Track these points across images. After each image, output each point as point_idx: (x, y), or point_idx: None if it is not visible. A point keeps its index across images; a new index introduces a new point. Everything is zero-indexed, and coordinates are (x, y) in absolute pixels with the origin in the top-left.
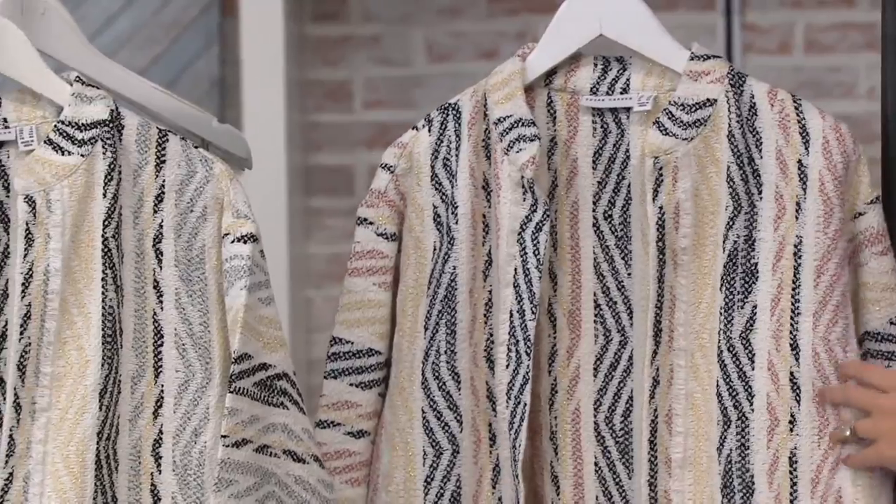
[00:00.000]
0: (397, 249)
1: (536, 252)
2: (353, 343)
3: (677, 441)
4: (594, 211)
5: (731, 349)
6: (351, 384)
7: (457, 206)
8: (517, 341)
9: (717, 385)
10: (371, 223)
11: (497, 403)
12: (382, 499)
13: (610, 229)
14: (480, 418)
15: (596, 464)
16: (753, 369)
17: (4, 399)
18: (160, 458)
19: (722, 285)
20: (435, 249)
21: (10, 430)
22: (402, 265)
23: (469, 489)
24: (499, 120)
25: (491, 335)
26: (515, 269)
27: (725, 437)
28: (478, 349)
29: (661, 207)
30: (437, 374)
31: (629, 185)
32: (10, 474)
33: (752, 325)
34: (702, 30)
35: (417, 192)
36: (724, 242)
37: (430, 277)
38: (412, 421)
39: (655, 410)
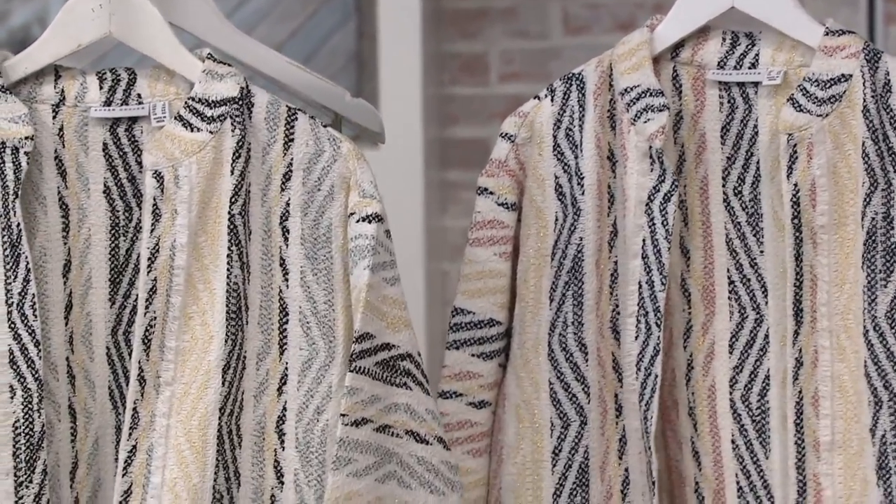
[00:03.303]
0: (517, 219)
1: (665, 223)
2: (474, 313)
3: (825, 423)
4: (724, 186)
5: (876, 328)
6: (472, 354)
7: (582, 177)
8: (647, 312)
9: (865, 366)
10: (491, 193)
11: (624, 375)
12: (508, 470)
13: (740, 206)
14: (607, 389)
15: (733, 441)
16: None
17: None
18: (283, 434)
19: (863, 264)
20: (556, 220)
21: (135, 403)
22: (523, 235)
23: (596, 460)
24: (625, 90)
25: (617, 306)
26: (644, 240)
27: (878, 419)
28: (604, 320)
29: (795, 185)
30: (564, 345)
31: (758, 162)
32: (134, 447)
33: None
34: (843, 1)
35: (539, 162)
36: (862, 220)
37: (555, 248)
38: (538, 392)
39: (800, 392)
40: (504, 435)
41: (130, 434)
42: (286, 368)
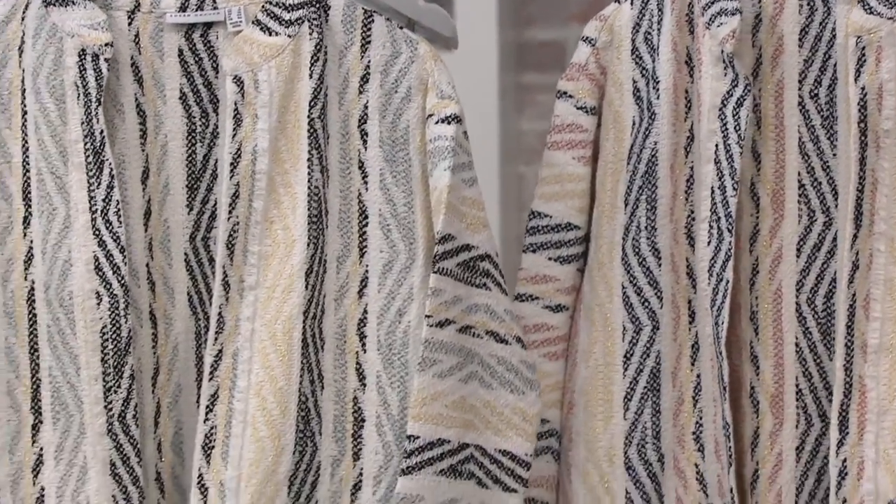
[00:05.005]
0: (597, 123)
1: (737, 128)
2: (551, 217)
3: (874, 326)
4: (800, 89)
5: None
6: (549, 258)
7: (658, 81)
8: (719, 218)
9: None
10: (571, 97)
11: (697, 280)
12: (581, 374)
13: (816, 108)
14: (680, 295)
15: (797, 345)
16: None
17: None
18: (365, 337)
19: None
20: (634, 124)
21: (220, 308)
22: (602, 139)
23: (668, 366)
24: None
25: (692, 212)
26: (716, 146)
27: None
28: (678, 225)
29: (863, 88)
30: (637, 250)
31: (835, 65)
32: (220, 351)
33: None
34: None
35: (617, 66)
36: None
37: (630, 153)
38: (612, 297)
39: (854, 295)
40: (578, 339)
41: (216, 338)
42: (366, 271)
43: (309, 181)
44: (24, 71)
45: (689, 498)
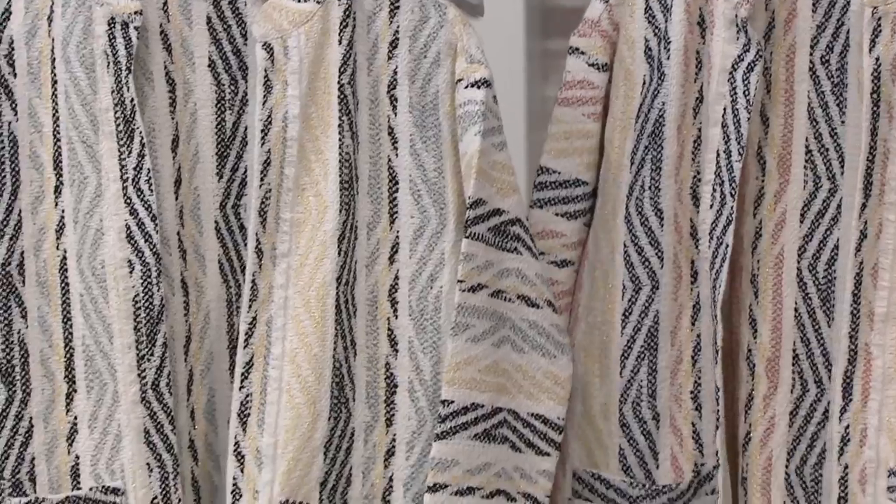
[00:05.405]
0: (608, 80)
1: (746, 93)
2: (559, 173)
3: (881, 295)
4: (811, 55)
5: None
6: (556, 214)
7: (669, 41)
8: (722, 182)
9: None
10: (583, 53)
11: (700, 241)
12: (581, 330)
13: (826, 75)
14: (683, 255)
15: (796, 310)
16: None
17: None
18: (396, 303)
19: None
20: (644, 83)
21: (253, 276)
22: (612, 97)
23: (667, 325)
24: None
25: (698, 173)
26: (724, 109)
27: None
28: (683, 186)
29: (877, 59)
30: (640, 209)
31: (848, 32)
32: (254, 318)
33: None
34: None
35: (630, 24)
36: None
37: (639, 111)
38: (614, 255)
39: (861, 263)
40: (581, 294)
41: (250, 306)
42: (397, 237)
43: (340, 147)
44: (53, 40)
45: (685, 456)
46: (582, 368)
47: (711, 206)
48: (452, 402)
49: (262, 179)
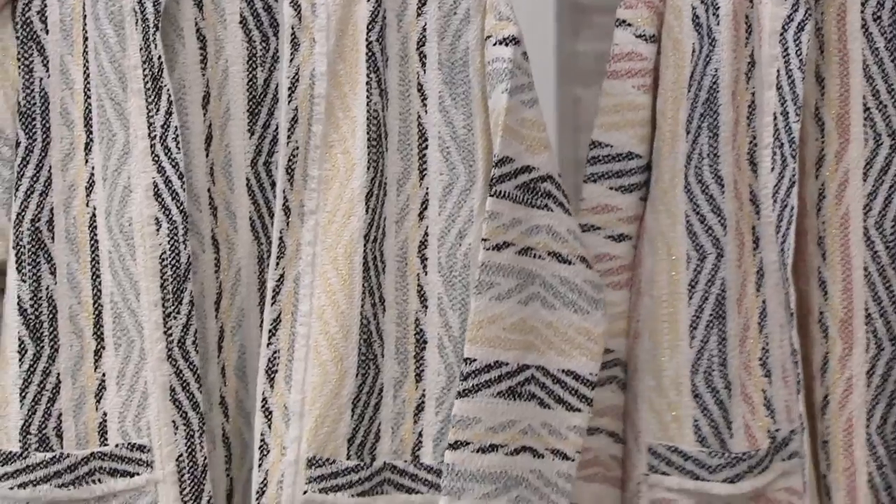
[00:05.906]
0: (656, 51)
1: (798, 53)
2: (612, 146)
3: None
4: (863, 12)
5: None
6: (611, 188)
7: (718, 7)
8: (782, 144)
9: None
10: (630, 25)
11: (761, 207)
12: (646, 303)
13: (879, 31)
14: (744, 222)
15: (865, 269)
16: None
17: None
18: (426, 259)
19: None
20: (694, 51)
21: (281, 233)
22: (661, 67)
23: (733, 293)
24: None
25: (754, 138)
26: (778, 71)
27: None
28: (741, 152)
29: None
30: (700, 177)
31: None
32: (282, 275)
33: None
34: None
35: None
36: None
37: (691, 80)
38: (675, 225)
39: None
40: (642, 268)
41: (278, 263)
42: (426, 194)
43: (368, 104)
44: None
45: (757, 424)
46: (650, 342)
47: (773, 170)
48: (475, 360)
49: (289, 137)
